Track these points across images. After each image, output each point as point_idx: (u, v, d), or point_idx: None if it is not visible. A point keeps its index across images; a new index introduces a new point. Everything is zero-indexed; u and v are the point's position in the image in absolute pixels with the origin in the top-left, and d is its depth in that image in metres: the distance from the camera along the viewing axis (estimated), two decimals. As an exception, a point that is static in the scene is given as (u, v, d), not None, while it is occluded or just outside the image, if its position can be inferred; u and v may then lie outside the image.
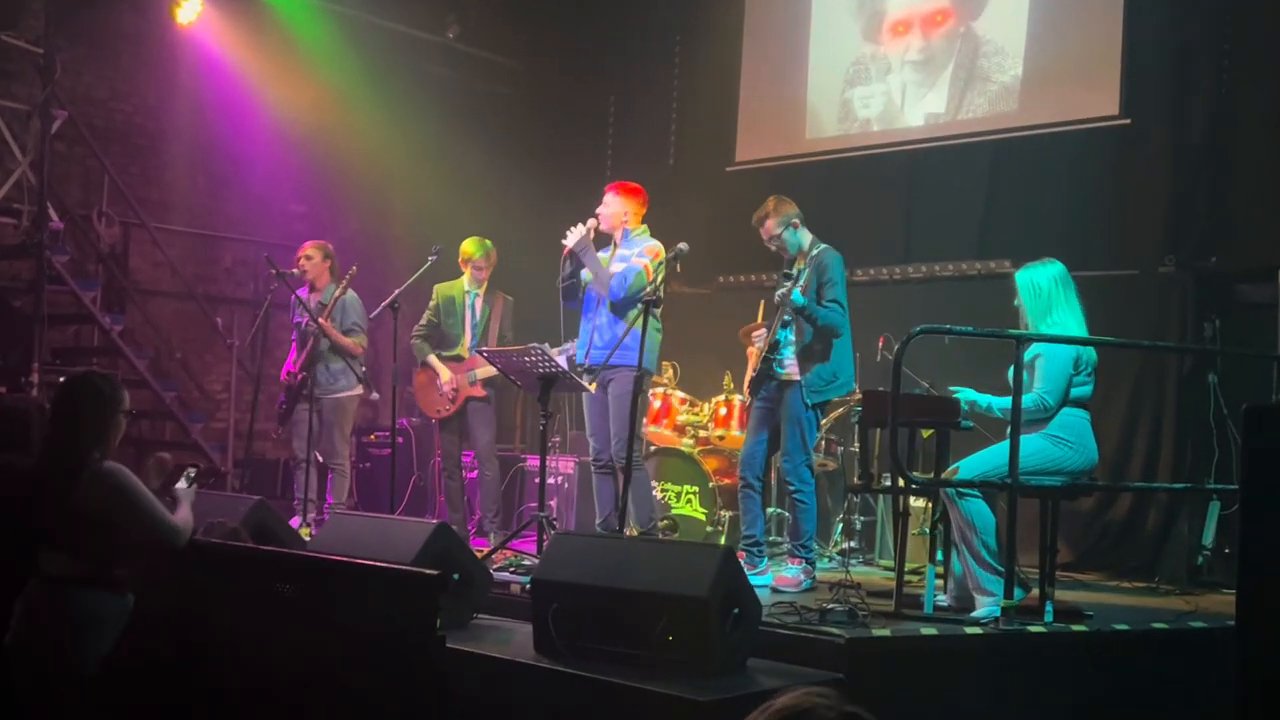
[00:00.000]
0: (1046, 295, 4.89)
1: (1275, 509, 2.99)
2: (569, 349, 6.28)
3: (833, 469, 7.03)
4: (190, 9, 8.61)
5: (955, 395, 4.96)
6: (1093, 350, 4.88)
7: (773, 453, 5.69)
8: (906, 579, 5.11)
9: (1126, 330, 6.44)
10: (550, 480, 7.08)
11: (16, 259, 8.14)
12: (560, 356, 5.93)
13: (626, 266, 5.82)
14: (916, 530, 6.13)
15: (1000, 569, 4.65)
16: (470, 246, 6.94)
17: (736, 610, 3.95)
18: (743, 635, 4.00)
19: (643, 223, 6.02)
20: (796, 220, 5.60)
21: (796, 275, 5.38)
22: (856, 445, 6.51)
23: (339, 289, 7.04)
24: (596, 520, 6.00)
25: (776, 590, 5.32)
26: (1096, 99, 7.26)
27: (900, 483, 5.07)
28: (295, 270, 7.21)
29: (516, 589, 5.06)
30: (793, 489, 5.52)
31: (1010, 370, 4.68)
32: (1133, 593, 6.08)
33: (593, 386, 5.92)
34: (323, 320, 6.95)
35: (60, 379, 7.38)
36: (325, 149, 9.49)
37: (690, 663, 3.85)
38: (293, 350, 7.35)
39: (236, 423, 8.89)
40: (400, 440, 7.94)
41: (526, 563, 5.57)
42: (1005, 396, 4.76)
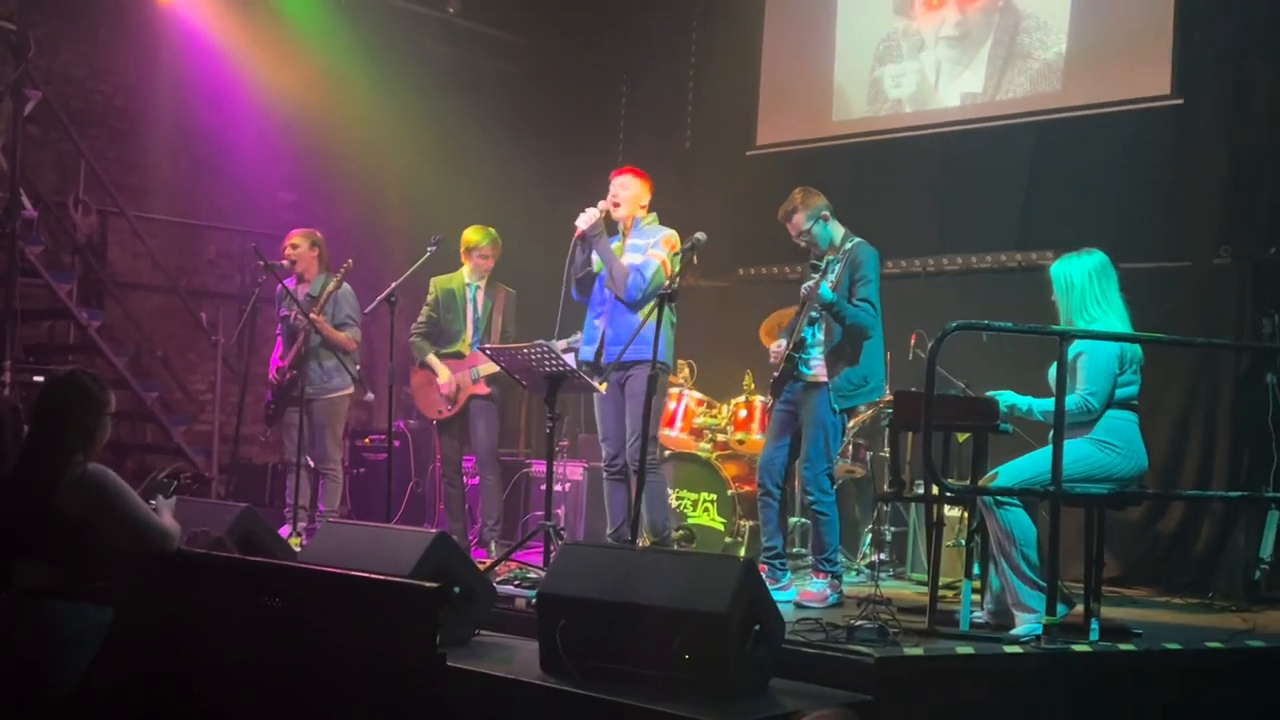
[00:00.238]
0: (1080, 290, 4.87)
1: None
2: (577, 342, 6.27)
3: (861, 476, 7.02)
4: (173, -18, 8.67)
5: (993, 397, 4.95)
6: (1138, 347, 4.86)
7: (794, 459, 5.69)
8: (941, 594, 5.11)
9: (1178, 327, 6.42)
10: (557, 487, 7.06)
11: (-13, 250, 8.18)
12: (569, 354, 5.93)
13: (643, 260, 5.79)
14: (951, 542, 6.12)
15: (1042, 583, 4.64)
16: (475, 234, 6.94)
17: (758, 627, 3.95)
18: (765, 654, 4.00)
19: (650, 210, 6.00)
20: (827, 213, 5.59)
21: (826, 267, 5.38)
22: (887, 450, 6.51)
23: (334, 283, 7.05)
24: (607, 530, 5.99)
25: (801, 606, 5.32)
26: (1147, 77, 7.23)
27: (934, 490, 5.05)
28: (284, 261, 7.23)
29: (521, 604, 5.07)
30: (812, 499, 5.52)
31: (1052, 370, 4.67)
32: (1185, 610, 6.06)
33: (603, 386, 5.91)
34: (314, 314, 6.96)
35: (34, 378, 7.50)
36: (316, 132, 9.51)
37: (708, 683, 3.85)
38: (278, 346, 7.37)
39: (222, 425, 8.91)
40: (397, 444, 7.97)
41: (532, 575, 5.58)
42: (1047, 398, 4.75)
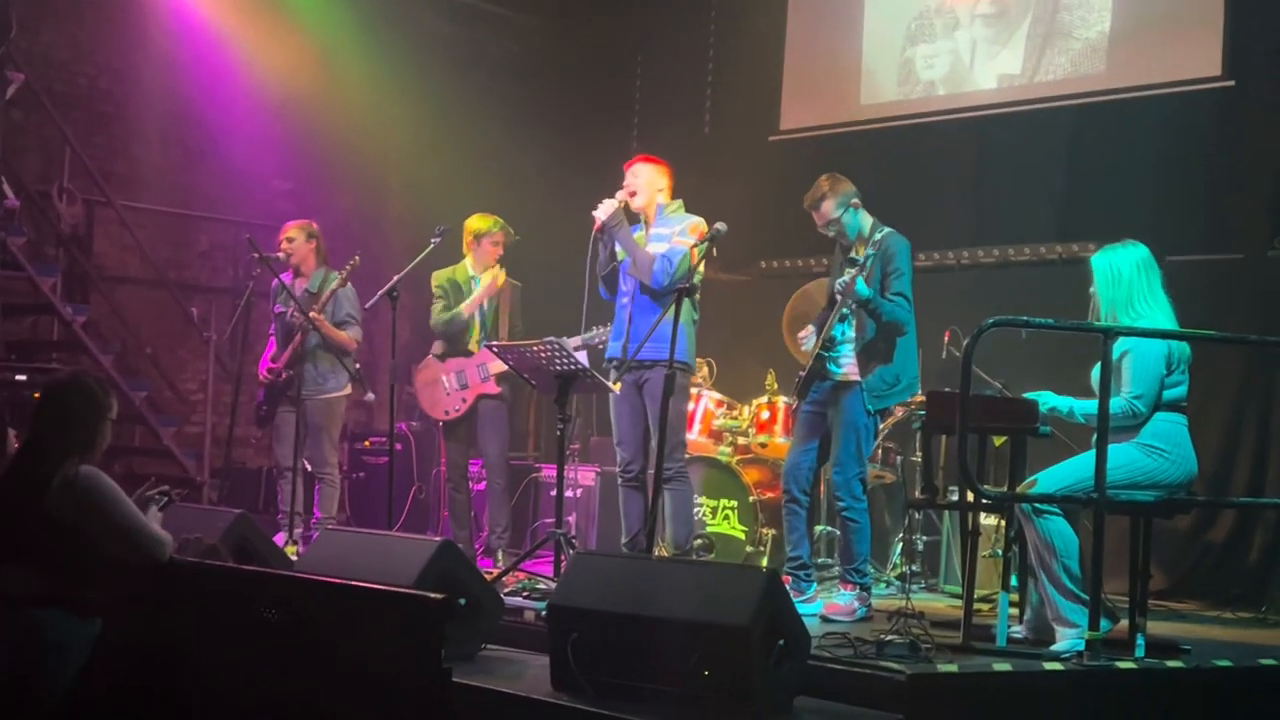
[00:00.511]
0: (1128, 283, 4.85)
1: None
2: (596, 336, 6.26)
3: (891, 481, 7.01)
4: (162, -42, 8.70)
5: (1032, 398, 4.93)
6: (1186, 346, 4.84)
7: (822, 463, 5.68)
8: (976, 607, 5.07)
9: (1228, 323, 6.39)
10: (568, 493, 7.08)
11: (-34, 242, 8.22)
12: (580, 352, 5.93)
13: (669, 248, 5.77)
14: (988, 552, 6.11)
15: (1084, 596, 4.62)
16: (484, 221, 6.95)
17: (782, 641, 3.94)
18: (789, 670, 3.99)
19: (674, 197, 5.99)
20: (856, 200, 5.58)
21: (864, 262, 5.36)
22: (918, 454, 6.50)
23: (337, 281, 7.05)
24: (622, 539, 5.99)
25: (827, 619, 5.30)
26: (1196, 57, 7.20)
27: (969, 497, 5.04)
28: (279, 255, 7.24)
29: (531, 616, 5.07)
30: (842, 505, 5.51)
31: (1096, 370, 4.65)
32: (1236, 624, 6.04)
33: (616, 386, 5.91)
34: (314, 313, 6.97)
35: (16, 377, 7.52)
36: (314, 117, 9.53)
37: (729, 701, 3.84)
38: (271, 344, 7.38)
39: (214, 427, 8.93)
40: (398, 447, 7.99)
41: (542, 586, 5.58)
42: (1089, 400, 4.73)
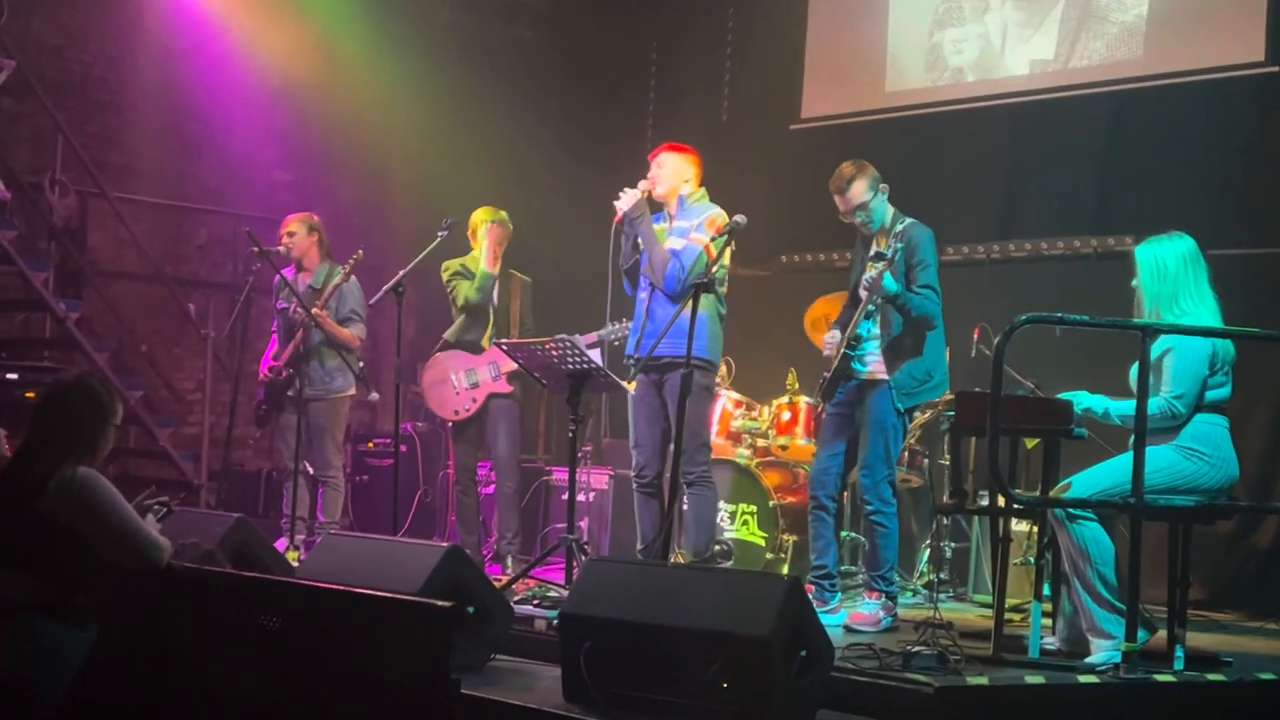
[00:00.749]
0: (1174, 277, 4.84)
1: None
2: (612, 333, 6.25)
3: (918, 485, 7.00)
4: (158, -60, 8.72)
5: (1067, 399, 4.92)
6: (1230, 345, 4.82)
7: (850, 468, 5.67)
8: (1007, 618, 5.08)
9: (1272, 320, 6.35)
10: (580, 497, 7.09)
11: (-45, 236, 8.26)
12: (594, 350, 5.92)
13: (684, 246, 5.74)
14: (1019, 559, 6.10)
15: (1120, 606, 4.61)
16: (486, 214, 6.96)
17: (804, 652, 3.94)
18: (812, 682, 3.99)
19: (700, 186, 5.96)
20: (884, 186, 5.57)
21: (892, 255, 5.35)
22: (946, 457, 6.47)
23: (341, 275, 7.07)
24: (637, 546, 5.98)
25: (851, 630, 5.31)
26: (1239, 42, 7.17)
27: (1000, 502, 5.03)
28: (280, 249, 7.26)
29: (542, 625, 5.08)
30: (871, 509, 5.51)
31: (1135, 369, 4.64)
32: (1280, 636, 6.02)
33: (631, 385, 5.90)
34: (317, 309, 6.98)
35: (7, 375, 7.55)
36: (316, 107, 9.54)
37: (749, 714, 3.84)
38: (273, 342, 7.40)
39: (212, 427, 8.96)
40: (404, 448, 8.00)
41: (553, 594, 5.59)
42: (1126, 400, 4.72)
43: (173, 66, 9.22)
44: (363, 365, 7.30)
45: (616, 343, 6.37)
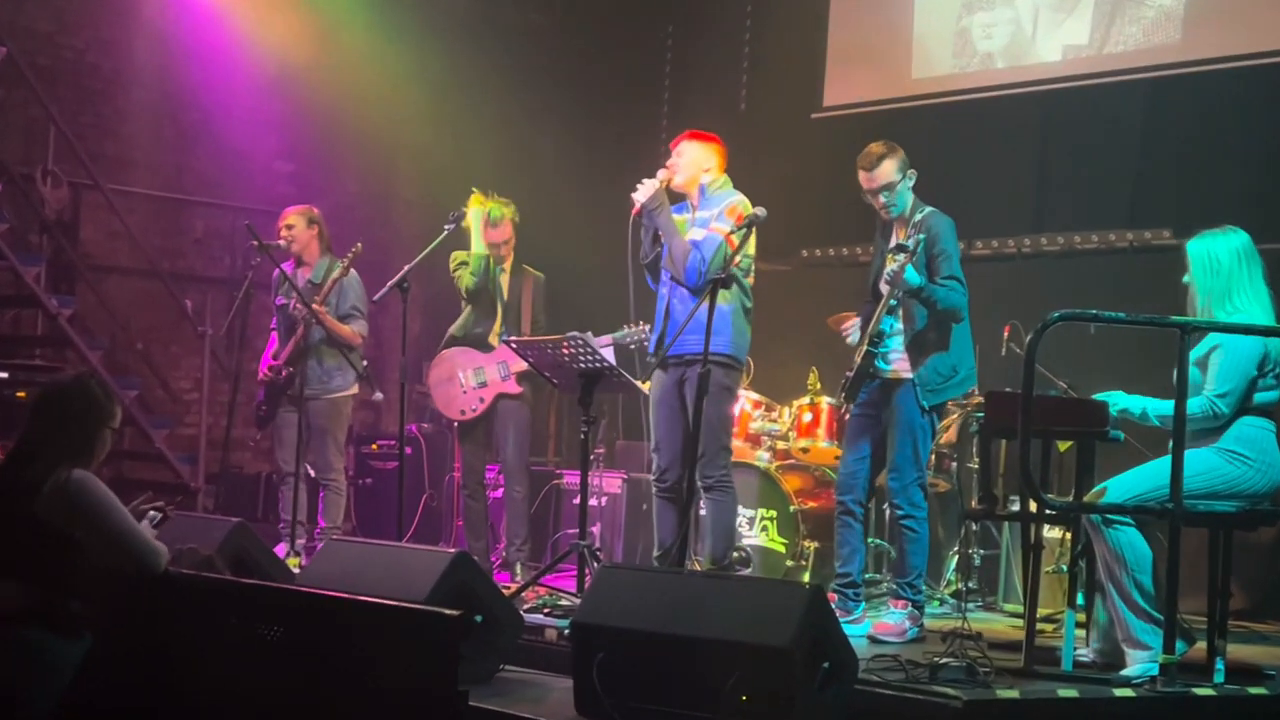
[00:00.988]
0: (1227, 273, 4.81)
1: None
2: (629, 336, 6.24)
3: (945, 490, 6.98)
4: (154, -78, 8.74)
5: (1102, 399, 4.90)
6: (1281, 346, 4.81)
7: (877, 471, 5.66)
8: (1039, 628, 5.07)
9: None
10: (593, 501, 7.09)
11: (-57, 229, 8.29)
12: (607, 349, 5.92)
13: (705, 237, 5.71)
14: (1051, 567, 6.07)
15: (1158, 616, 4.60)
16: (473, 201, 6.95)
17: (826, 664, 3.95)
18: (834, 695, 3.99)
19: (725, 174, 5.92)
20: (913, 171, 5.56)
21: (914, 248, 5.33)
22: (975, 460, 6.46)
23: (339, 269, 7.07)
24: (654, 552, 5.97)
25: (876, 640, 5.30)
26: (1280, 26, 7.16)
27: (1032, 507, 5.02)
28: (279, 242, 7.27)
29: (552, 635, 5.09)
30: (901, 514, 5.49)
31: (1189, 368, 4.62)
32: (1326, 648, 5.99)
33: (646, 385, 5.90)
34: (316, 305, 6.99)
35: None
36: (317, 94, 9.56)
37: (769, 728, 3.84)
38: (272, 340, 7.41)
39: (210, 428, 8.98)
40: (409, 450, 7.98)
41: (564, 603, 5.59)
42: (1167, 400, 4.70)
43: (169, 53, 9.24)
44: (366, 364, 7.31)
45: (633, 346, 6.36)
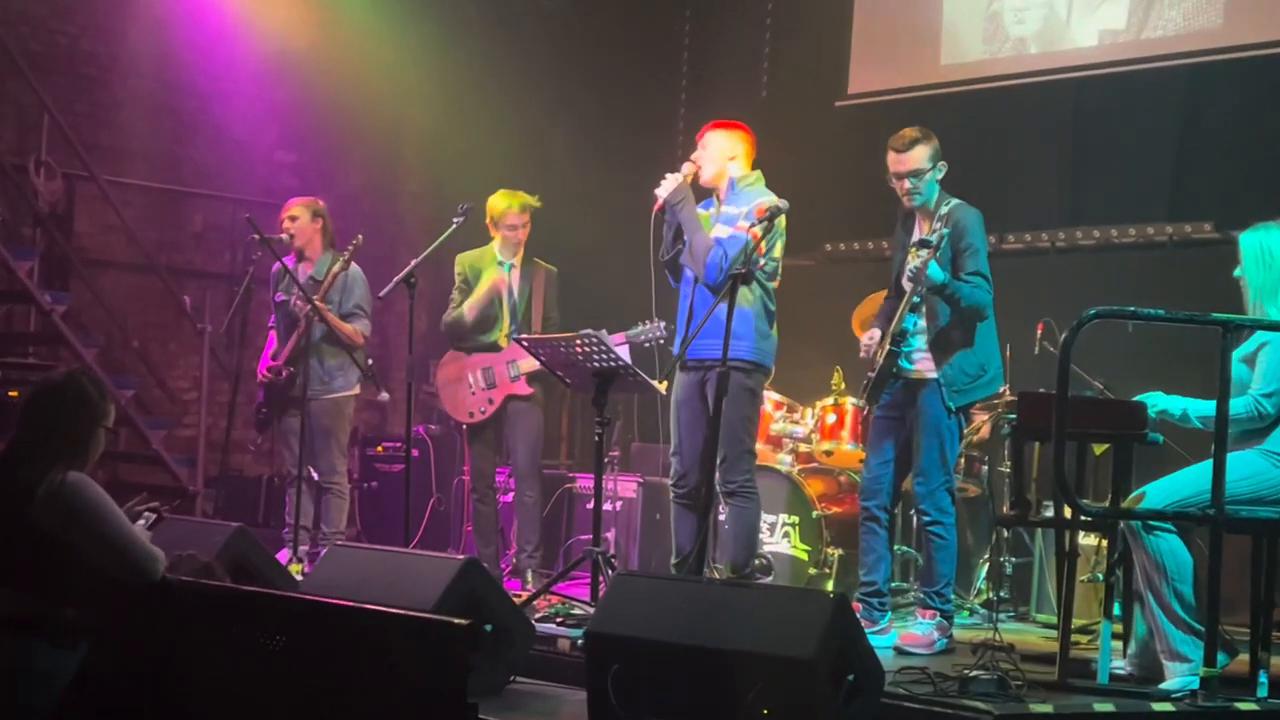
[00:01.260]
0: (1280, 268, 4.81)
1: None
2: (644, 334, 6.24)
3: (975, 495, 6.97)
4: (152, -97, 8.76)
5: (1140, 400, 4.89)
6: (1336, 345, 4.79)
7: (902, 475, 5.65)
8: (1074, 639, 5.07)
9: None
10: (607, 506, 7.09)
11: (-68, 221, 8.33)
12: (623, 348, 5.92)
13: (730, 235, 5.66)
14: (1087, 576, 6.06)
15: (1199, 627, 4.59)
16: (501, 200, 6.95)
17: (852, 677, 3.95)
18: (860, 709, 3.99)
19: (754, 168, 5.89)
20: (944, 163, 5.55)
21: (938, 242, 5.32)
22: (1007, 464, 6.45)
23: (340, 264, 7.08)
24: (671, 560, 5.97)
25: (903, 652, 5.30)
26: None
27: (1067, 513, 5.01)
28: (282, 236, 7.28)
29: (565, 645, 5.09)
30: (928, 520, 5.49)
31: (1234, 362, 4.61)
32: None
33: (663, 385, 5.90)
34: (317, 301, 7.00)
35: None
36: (321, 82, 9.58)
37: (791, 743, 3.85)
38: (272, 339, 7.42)
39: (209, 429, 9.00)
40: (415, 453, 8.01)
41: (578, 611, 5.60)
42: (1208, 400, 4.69)
43: (167, 39, 9.26)
44: (371, 363, 7.32)
45: (648, 344, 6.36)
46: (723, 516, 5.86)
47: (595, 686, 4.20)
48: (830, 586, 6.62)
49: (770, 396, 7.21)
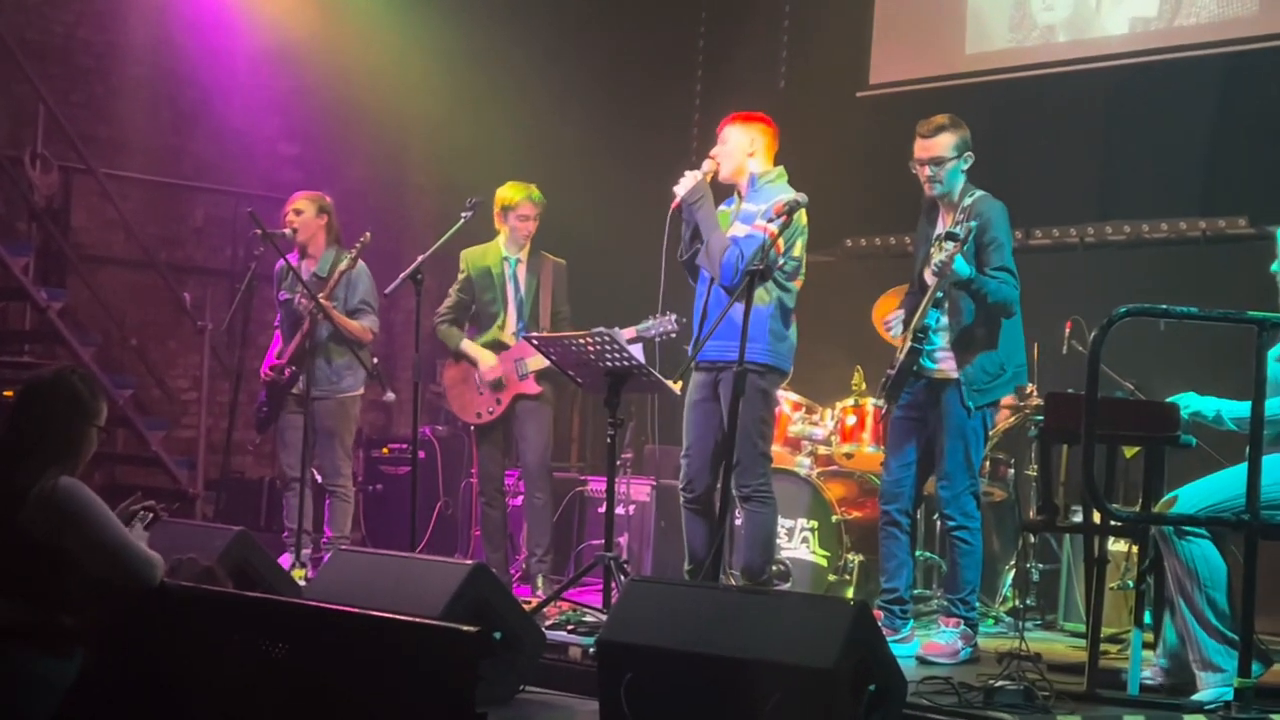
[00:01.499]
0: (1319, 262, 4.81)
1: None
2: (653, 328, 6.23)
3: (1001, 500, 6.96)
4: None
5: (1172, 402, 4.89)
6: (1376, 344, 4.79)
7: (924, 477, 5.64)
8: (1103, 649, 5.06)
9: None
10: (619, 510, 7.09)
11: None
12: (634, 345, 5.92)
13: (747, 235, 5.66)
14: (1117, 583, 6.05)
15: (1233, 636, 4.58)
16: (511, 191, 6.95)
17: (873, 687, 3.94)
18: (881, 720, 3.98)
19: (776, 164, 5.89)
20: (970, 155, 5.54)
21: (965, 236, 5.31)
22: (1034, 467, 6.44)
23: (347, 260, 7.09)
24: (685, 566, 5.98)
25: (926, 661, 5.31)
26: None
27: (1096, 518, 5.00)
28: (286, 231, 7.29)
29: (577, 653, 5.10)
30: (952, 524, 5.49)
31: (1271, 363, 4.60)
32: None
33: (677, 386, 5.90)
34: (322, 298, 7.01)
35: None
36: (325, 72, 9.59)
37: (810, 756, 3.85)
38: (276, 338, 7.43)
39: (209, 430, 9.02)
40: (422, 455, 8.02)
41: (589, 619, 5.61)
42: (1243, 401, 4.68)
43: (165, 27, 9.28)
44: (376, 362, 7.33)
45: (659, 339, 6.36)
46: (738, 522, 5.85)
47: (607, 696, 4.20)
48: (850, 594, 6.61)
49: (788, 397, 7.21)
